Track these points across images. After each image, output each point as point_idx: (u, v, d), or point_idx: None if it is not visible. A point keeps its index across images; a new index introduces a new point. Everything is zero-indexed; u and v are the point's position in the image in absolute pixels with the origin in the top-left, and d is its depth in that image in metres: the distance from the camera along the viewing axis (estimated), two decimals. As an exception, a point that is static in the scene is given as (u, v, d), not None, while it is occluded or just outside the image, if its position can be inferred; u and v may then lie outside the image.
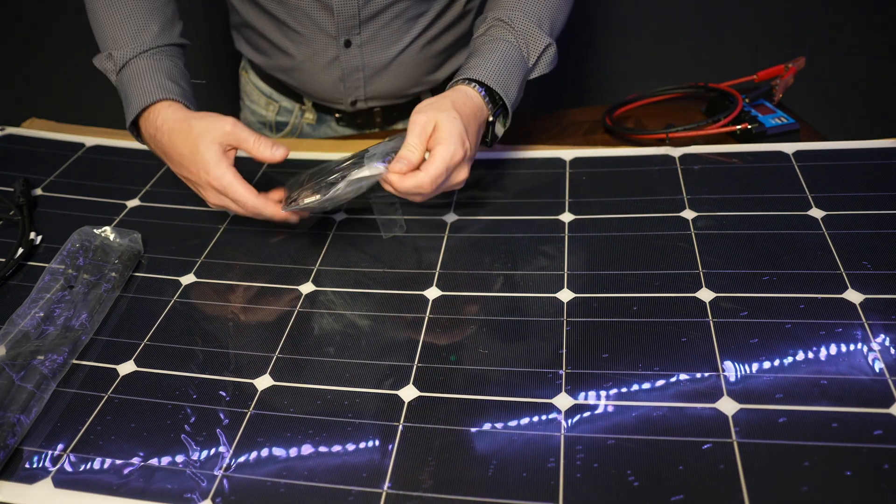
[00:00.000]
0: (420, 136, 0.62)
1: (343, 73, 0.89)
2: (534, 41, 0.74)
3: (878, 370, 0.51)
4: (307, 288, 0.65)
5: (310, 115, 0.99)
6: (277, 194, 0.69)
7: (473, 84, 0.69)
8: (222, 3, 0.97)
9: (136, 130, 0.73)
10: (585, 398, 0.52)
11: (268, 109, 1.01)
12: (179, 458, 0.51)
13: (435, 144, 0.62)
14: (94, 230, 0.69)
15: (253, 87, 1.02)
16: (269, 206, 0.66)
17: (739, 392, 0.51)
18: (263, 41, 0.91)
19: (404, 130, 0.64)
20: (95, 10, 0.76)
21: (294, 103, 0.99)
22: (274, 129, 1.03)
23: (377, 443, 0.51)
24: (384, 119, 0.99)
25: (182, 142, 0.66)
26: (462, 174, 0.65)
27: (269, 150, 0.65)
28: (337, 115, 0.98)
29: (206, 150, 0.65)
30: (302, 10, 0.84)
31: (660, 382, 0.52)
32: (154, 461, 0.51)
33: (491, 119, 0.70)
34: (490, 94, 0.69)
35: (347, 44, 0.86)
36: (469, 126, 0.65)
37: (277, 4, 0.84)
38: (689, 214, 0.68)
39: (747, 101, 0.83)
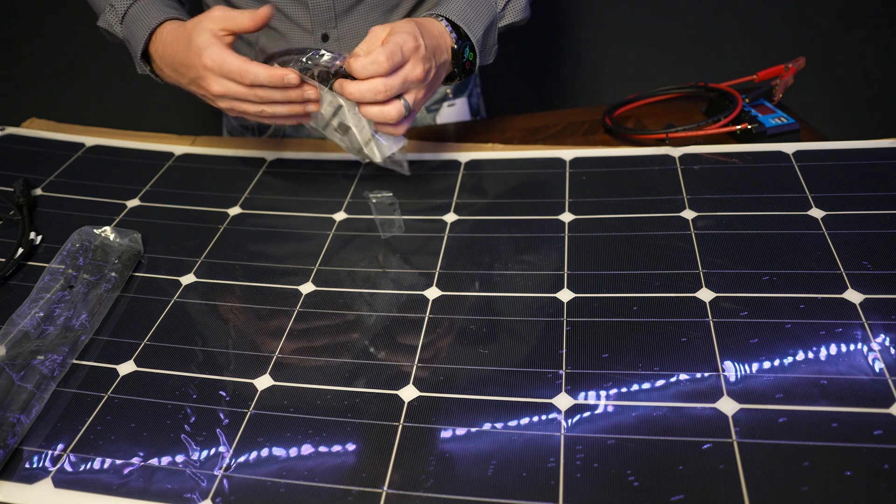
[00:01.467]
0: (374, 36, 0.64)
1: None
2: None
3: (878, 370, 0.51)
4: (307, 288, 0.65)
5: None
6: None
7: (436, 16, 0.71)
8: (195, 2, 0.96)
9: (149, 67, 0.75)
10: (585, 398, 0.52)
11: None
12: (179, 458, 0.51)
13: (388, 37, 0.64)
14: (94, 230, 0.69)
15: None
16: (269, 68, 0.65)
17: (739, 392, 0.51)
18: (239, 39, 0.92)
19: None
20: None
21: None
22: (256, 131, 1.03)
23: (377, 443, 0.51)
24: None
25: (178, 41, 0.68)
26: (418, 69, 0.64)
27: (252, 15, 0.66)
28: None
29: (198, 35, 0.65)
30: (276, 5, 0.84)
31: (660, 382, 0.52)
32: (154, 461, 0.51)
33: (455, 46, 0.71)
34: (455, 28, 0.71)
35: (325, 38, 0.86)
36: (425, 33, 0.66)
37: (251, 1, 0.85)
38: (689, 214, 0.68)
39: (747, 101, 0.83)
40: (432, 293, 0.63)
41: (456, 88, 1.03)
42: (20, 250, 0.69)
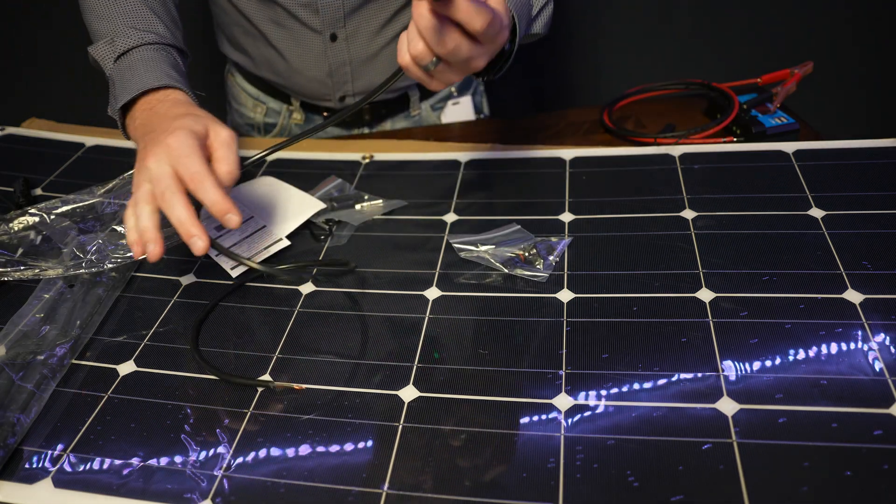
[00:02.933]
0: None
1: (330, 68, 0.89)
2: None
3: (877, 370, 0.51)
4: (307, 288, 0.65)
5: (297, 116, 0.99)
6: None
7: None
8: (205, 6, 0.97)
9: (121, 115, 0.69)
10: (585, 398, 0.52)
11: (255, 111, 1.01)
12: (179, 459, 0.51)
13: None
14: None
15: (240, 89, 1.02)
16: (223, 194, 0.56)
17: (739, 392, 0.51)
18: (249, 40, 0.92)
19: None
20: (93, 4, 0.74)
21: (281, 104, 0.99)
22: (262, 130, 1.03)
23: (377, 443, 0.51)
24: (373, 116, 0.99)
25: (167, 115, 0.62)
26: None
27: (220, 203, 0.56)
28: (325, 113, 0.98)
29: (192, 124, 0.58)
30: (286, 7, 0.84)
31: (660, 382, 0.52)
32: (154, 461, 0.51)
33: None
34: None
35: (333, 38, 0.86)
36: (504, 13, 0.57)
37: (261, 3, 0.85)
38: (689, 214, 0.68)
39: (745, 107, 0.83)
40: (432, 293, 0.63)
41: (460, 86, 1.03)
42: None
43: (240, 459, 0.50)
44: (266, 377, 0.56)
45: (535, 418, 0.51)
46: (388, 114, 1.00)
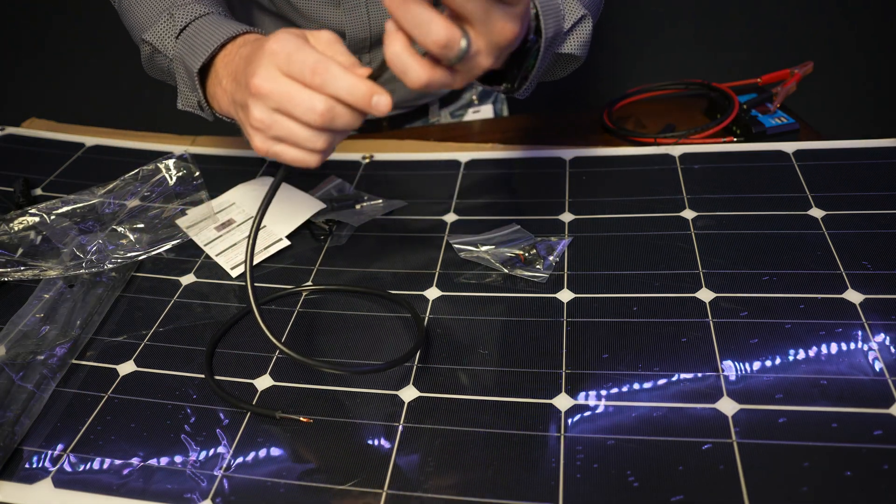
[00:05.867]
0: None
1: None
2: (570, 5, 0.64)
3: (877, 370, 0.51)
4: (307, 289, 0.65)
5: None
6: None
7: None
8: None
9: (199, 92, 0.61)
10: (585, 398, 0.52)
11: None
12: (179, 459, 0.51)
13: None
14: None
15: None
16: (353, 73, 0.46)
17: (739, 392, 0.51)
18: None
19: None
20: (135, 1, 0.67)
21: None
22: None
23: (377, 443, 0.51)
24: (391, 125, 0.99)
25: (255, 48, 0.51)
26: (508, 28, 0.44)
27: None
28: None
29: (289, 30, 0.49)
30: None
31: (660, 382, 0.52)
32: (154, 461, 0.51)
33: (530, 38, 0.56)
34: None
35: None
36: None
37: (286, 24, 0.84)
38: (689, 214, 0.68)
39: (745, 107, 0.83)
40: (432, 293, 0.63)
41: (482, 94, 1.02)
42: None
43: (240, 459, 0.50)
44: (277, 412, 0.53)
45: (535, 418, 0.51)
46: (406, 122, 0.99)
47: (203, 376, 0.57)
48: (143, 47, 0.67)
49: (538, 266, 0.63)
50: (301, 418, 0.52)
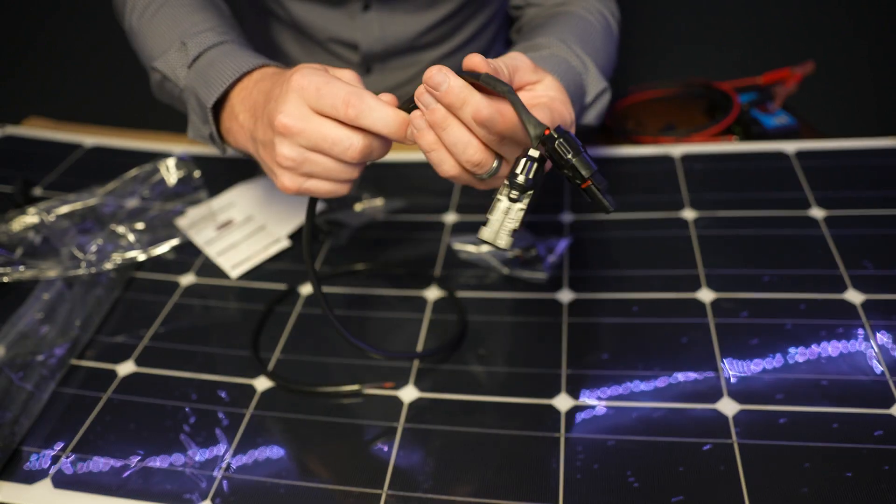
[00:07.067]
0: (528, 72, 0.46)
1: None
2: (593, 79, 0.63)
3: (878, 371, 0.51)
4: (307, 289, 0.65)
5: None
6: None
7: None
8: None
9: (213, 127, 0.58)
10: (585, 399, 0.52)
11: None
12: (179, 459, 0.51)
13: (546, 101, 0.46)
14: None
15: None
16: (389, 105, 0.44)
17: (740, 393, 0.51)
18: (282, 56, 0.92)
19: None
20: (149, 25, 0.65)
21: None
22: None
23: (377, 443, 0.51)
24: None
25: (275, 82, 0.50)
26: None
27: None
28: None
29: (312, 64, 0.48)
30: (326, 46, 0.84)
31: (660, 383, 0.52)
32: (153, 462, 0.51)
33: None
34: None
35: (368, 70, 0.86)
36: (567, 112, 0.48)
37: (301, 36, 0.85)
38: (689, 214, 0.68)
39: (745, 107, 0.83)
40: (432, 293, 0.63)
41: None
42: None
43: (240, 460, 0.50)
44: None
45: (535, 418, 0.51)
46: None
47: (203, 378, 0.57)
48: (152, 74, 0.65)
49: (538, 266, 0.63)
50: (385, 385, 0.54)
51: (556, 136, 0.41)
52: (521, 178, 0.41)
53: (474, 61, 0.41)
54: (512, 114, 0.41)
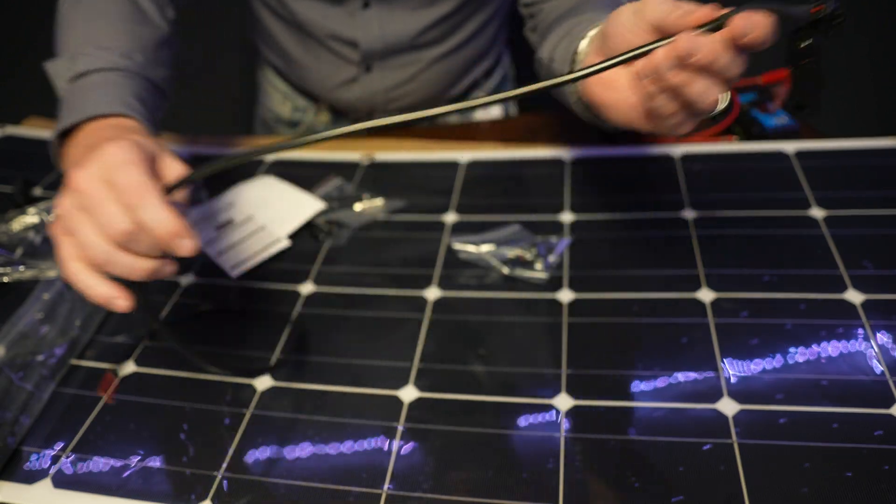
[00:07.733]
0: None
1: (363, 93, 0.90)
2: None
3: (878, 371, 0.51)
4: (307, 288, 0.65)
5: (324, 117, 0.99)
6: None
7: None
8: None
9: (58, 144, 0.59)
10: (585, 398, 0.52)
11: (283, 106, 1.01)
12: (179, 459, 0.51)
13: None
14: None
15: (268, 82, 1.02)
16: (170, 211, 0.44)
17: (740, 393, 0.51)
18: (283, 52, 0.92)
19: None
20: (69, 18, 0.65)
21: (310, 103, 0.99)
22: (289, 125, 1.03)
23: (377, 443, 0.51)
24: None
25: (131, 133, 0.52)
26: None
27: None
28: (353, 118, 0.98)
29: (148, 141, 0.50)
30: (326, 43, 0.84)
31: (660, 383, 0.52)
32: (153, 462, 0.51)
33: None
34: None
35: (368, 68, 0.86)
36: None
37: (301, 33, 0.85)
38: (689, 214, 0.68)
39: (745, 107, 0.83)
40: (432, 293, 0.63)
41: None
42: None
43: (240, 459, 0.50)
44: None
45: (535, 418, 0.51)
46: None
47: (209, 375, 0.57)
48: (45, 65, 0.64)
49: (538, 266, 0.63)
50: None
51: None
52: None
53: (697, 16, 0.44)
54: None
